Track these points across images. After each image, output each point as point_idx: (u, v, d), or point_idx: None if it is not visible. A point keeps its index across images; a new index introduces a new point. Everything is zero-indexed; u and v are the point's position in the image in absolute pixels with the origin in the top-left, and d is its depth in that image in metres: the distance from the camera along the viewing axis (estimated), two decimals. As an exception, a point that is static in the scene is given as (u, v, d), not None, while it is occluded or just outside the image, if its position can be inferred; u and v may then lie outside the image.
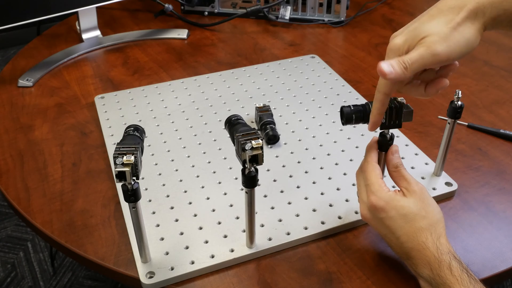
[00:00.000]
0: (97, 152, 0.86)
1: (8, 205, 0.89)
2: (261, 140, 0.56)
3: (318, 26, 1.26)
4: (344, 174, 0.79)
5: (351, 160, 0.81)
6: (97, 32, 1.21)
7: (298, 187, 0.76)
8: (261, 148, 0.56)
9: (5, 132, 0.91)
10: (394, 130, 0.65)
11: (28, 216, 0.74)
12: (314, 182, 0.77)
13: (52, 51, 1.16)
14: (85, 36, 1.19)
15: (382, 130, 0.63)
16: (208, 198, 0.75)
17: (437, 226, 0.59)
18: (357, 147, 0.84)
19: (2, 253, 1.61)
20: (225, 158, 0.82)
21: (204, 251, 0.66)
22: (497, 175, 0.80)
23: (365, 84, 1.02)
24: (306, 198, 0.74)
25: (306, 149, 0.84)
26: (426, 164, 0.80)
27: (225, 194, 0.75)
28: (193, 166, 0.81)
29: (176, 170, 0.80)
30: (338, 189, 0.76)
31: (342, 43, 1.19)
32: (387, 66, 0.54)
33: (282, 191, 0.76)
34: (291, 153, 0.83)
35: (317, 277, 0.64)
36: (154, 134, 0.88)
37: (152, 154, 0.83)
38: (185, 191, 0.76)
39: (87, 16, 1.17)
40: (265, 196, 0.75)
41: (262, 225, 0.70)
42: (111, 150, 0.84)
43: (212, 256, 0.66)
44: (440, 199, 0.75)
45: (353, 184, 0.76)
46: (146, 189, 0.76)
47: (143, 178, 0.78)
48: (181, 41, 1.21)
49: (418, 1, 1.39)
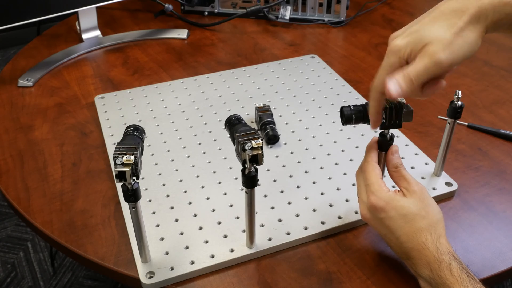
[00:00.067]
0: (97, 152, 0.86)
1: (8, 205, 0.89)
2: (261, 140, 0.56)
3: (318, 26, 1.26)
4: (344, 174, 0.79)
5: (351, 160, 0.81)
6: (97, 32, 1.21)
7: (298, 187, 0.76)
8: (261, 148, 0.56)
9: (5, 132, 0.91)
10: (394, 130, 0.65)
11: (28, 216, 0.74)
12: (314, 182, 0.77)
13: (52, 51, 1.16)
14: (85, 36, 1.19)
15: (382, 130, 0.63)
16: (208, 198, 0.75)
17: (437, 226, 0.59)
18: (357, 147, 0.84)
19: (2, 253, 1.61)
20: (225, 158, 0.82)
21: (204, 251, 0.66)
22: (497, 175, 0.80)
23: (365, 84, 1.02)
24: (306, 198, 0.74)
25: (306, 149, 0.84)
26: (426, 164, 0.80)
27: (225, 194, 0.75)
28: (193, 166, 0.81)
29: (176, 170, 0.80)
30: (338, 189, 0.76)
31: (342, 43, 1.19)
32: (393, 86, 0.55)
33: (282, 191, 0.76)
34: (291, 153, 0.83)
35: (317, 277, 0.64)
36: (154, 134, 0.88)
37: (152, 154, 0.83)
38: (185, 191, 0.76)
39: (87, 16, 1.17)
40: (265, 196, 0.75)
41: (262, 225, 0.70)
42: (111, 150, 0.84)
43: (212, 256, 0.66)
44: (440, 199, 0.75)
45: (353, 184, 0.76)
46: (146, 189, 0.76)
47: (143, 178, 0.78)
48: (181, 41, 1.21)
49: (418, 1, 1.39)
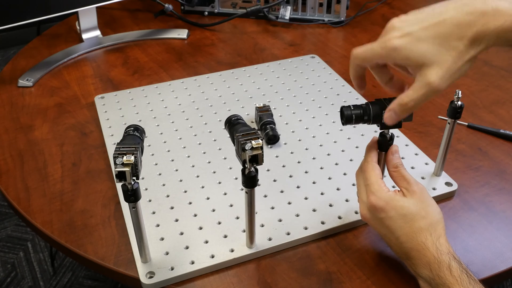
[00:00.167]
0: (97, 152, 0.86)
1: (8, 205, 0.89)
2: (261, 140, 0.56)
3: (318, 26, 1.26)
4: (344, 174, 0.79)
5: (351, 160, 0.81)
6: (97, 32, 1.21)
7: (298, 187, 0.76)
8: (261, 148, 0.56)
9: (5, 132, 0.91)
10: (394, 130, 0.65)
11: (28, 216, 0.74)
12: (314, 182, 0.77)
13: (52, 51, 1.16)
14: (85, 36, 1.19)
15: (382, 130, 0.63)
16: (208, 198, 0.75)
17: (436, 226, 0.59)
18: (357, 147, 0.84)
19: (2, 253, 1.61)
20: (225, 158, 0.82)
21: (204, 251, 0.66)
22: (497, 175, 0.80)
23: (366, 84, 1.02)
24: (306, 198, 0.74)
25: (306, 149, 0.84)
26: (426, 164, 0.80)
27: (225, 194, 0.75)
28: (193, 166, 0.81)
29: (176, 170, 0.80)
30: (338, 189, 0.76)
31: (342, 43, 1.19)
32: (389, 119, 0.58)
33: (282, 191, 0.76)
34: (291, 153, 0.83)
35: (317, 277, 0.64)
36: (154, 134, 0.88)
37: (152, 154, 0.83)
38: (185, 191, 0.76)
39: (87, 16, 1.17)
40: (265, 196, 0.75)
41: (262, 225, 0.70)
42: (111, 150, 0.84)
43: (212, 256, 0.66)
44: (440, 199, 0.75)
45: (353, 184, 0.76)
46: (146, 189, 0.76)
47: (143, 178, 0.78)
48: (181, 41, 1.21)
49: (418, 1, 1.39)
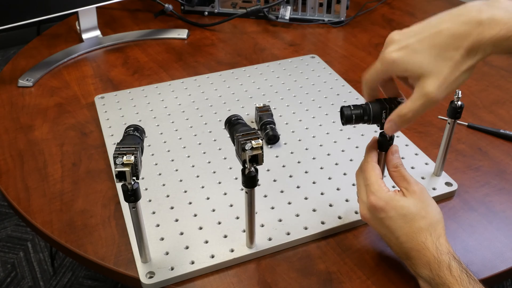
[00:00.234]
0: (97, 152, 0.86)
1: (8, 205, 0.89)
2: (261, 140, 0.56)
3: (318, 26, 1.26)
4: (344, 174, 0.79)
5: (351, 160, 0.81)
6: (97, 32, 1.21)
7: (298, 187, 0.76)
8: (261, 148, 0.56)
9: (5, 132, 0.91)
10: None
11: (28, 216, 0.74)
12: (314, 182, 0.77)
13: (52, 51, 1.16)
14: (85, 36, 1.19)
15: (382, 130, 0.63)
16: (208, 198, 0.75)
17: (436, 226, 0.59)
18: (357, 147, 0.84)
19: (2, 253, 1.61)
20: (225, 158, 0.82)
21: (204, 251, 0.66)
22: (497, 175, 0.80)
23: (365, 84, 1.02)
24: (306, 198, 0.74)
25: (306, 149, 0.84)
26: (426, 164, 0.80)
27: (225, 194, 0.75)
28: (193, 166, 0.81)
29: (176, 170, 0.80)
30: (338, 189, 0.76)
31: (342, 43, 1.19)
32: (390, 130, 0.60)
33: (282, 191, 0.76)
34: (291, 153, 0.83)
35: (317, 277, 0.64)
36: (154, 134, 0.88)
37: (152, 154, 0.83)
38: (185, 191, 0.76)
39: (87, 16, 1.17)
40: (265, 196, 0.75)
41: (262, 225, 0.70)
42: (111, 150, 0.84)
43: (212, 256, 0.66)
44: (440, 199, 0.75)
45: (353, 184, 0.76)
46: (146, 189, 0.76)
47: (143, 178, 0.78)
48: (181, 41, 1.21)
49: (418, 1, 1.39)
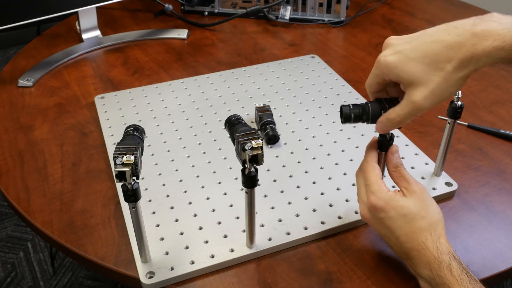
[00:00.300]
0: (97, 152, 0.86)
1: (8, 205, 0.89)
2: (261, 140, 0.56)
3: (318, 26, 1.26)
4: (344, 174, 0.79)
5: (351, 160, 0.81)
6: (97, 32, 1.21)
7: (298, 187, 0.76)
8: (261, 148, 0.56)
9: (5, 132, 0.91)
10: (394, 130, 0.65)
11: (28, 216, 0.74)
12: (314, 182, 0.77)
13: (52, 51, 1.16)
14: (85, 36, 1.19)
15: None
16: (208, 198, 0.75)
17: (437, 226, 0.59)
18: (357, 147, 0.84)
19: (2, 253, 1.61)
20: (225, 158, 0.82)
21: (204, 251, 0.66)
22: (497, 175, 0.80)
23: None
24: (306, 198, 0.74)
25: (306, 149, 0.84)
26: (426, 164, 0.80)
27: (225, 194, 0.75)
28: (193, 166, 0.81)
29: (176, 170, 0.80)
30: (338, 189, 0.76)
31: (342, 43, 1.19)
32: (379, 130, 0.62)
33: (282, 191, 0.76)
34: (291, 153, 0.83)
35: (317, 277, 0.64)
36: (154, 134, 0.88)
37: (152, 154, 0.83)
38: (185, 191, 0.76)
39: (87, 16, 1.17)
40: (265, 196, 0.75)
41: (262, 225, 0.70)
42: (111, 150, 0.84)
43: (212, 256, 0.66)
44: (440, 199, 0.75)
45: (353, 184, 0.76)
46: (146, 189, 0.76)
47: (143, 178, 0.78)
48: (181, 41, 1.21)
49: (418, 1, 1.39)
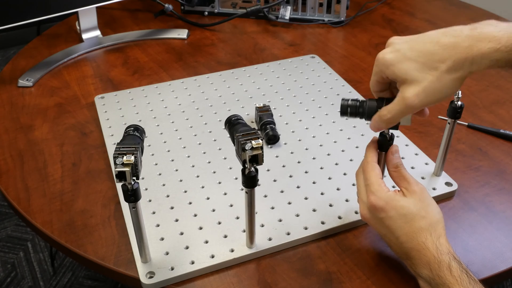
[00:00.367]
0: (97, 152, 0.86)
1: (8, 205, 0.89)
2: (261, 140, 0.56)
3: (318, 26, 1.26)
4: (344, 174, 0.79)
5: (351, 160, 0.81)
6: (97, 32, 1.21)
7: (298, 187, 0.76)
8: (261, 148, 0.56)
9: (5, 132, 0.91)
10: (394, 130, 0.65)
11: (28, 216, 0.74)
12: (314, 182, 0.77)
13: (52, 51, 1.16)
14: (85, 36, 1.19)
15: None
16: (208, 198, 0.75)
17: (437, 226, 0.59)
18: (357, 147, 0.84)
19: (2, 253, 1.61)
20: (225, 158, 0.82)
21: (204, 251, 0.66)
22: (497, 175, 0.80)
23: (365, 84, 1.02)
24: (306, 198, 0.74)
25: (306, 149, 0.84)
26: (426, 164, 0.80)
27: (225, 194, 0.75)
28: (193, 166, 0.81)
29: (176, 170, 0.80)
30: (338, 189, 0.76)
31: (342, 43, 1.19)
32: (372, 127, 0.62)
33: (282, 191, 0.76)
34: (291, 153, 0.83)
35: (317, 277, 0.64)
36: (154, 134, 0.88)
37: (152, 154, 0.83)
38: (185, 191, 0.76)
39: (87, 16, 1.17)
40: (265, 196, 0.75)
41: (262, 225, 0.70)
42: (111, 150, 0.84)
43: (212, 256, 0.66)
44: (440, 199, 0.75)
45: (353, 184, 0.76)
46: (146, 189, 0.76)
47: (143, 178, 0.78)
48: (181, 41, 1.21)
49: (418, 1, 1.39)
